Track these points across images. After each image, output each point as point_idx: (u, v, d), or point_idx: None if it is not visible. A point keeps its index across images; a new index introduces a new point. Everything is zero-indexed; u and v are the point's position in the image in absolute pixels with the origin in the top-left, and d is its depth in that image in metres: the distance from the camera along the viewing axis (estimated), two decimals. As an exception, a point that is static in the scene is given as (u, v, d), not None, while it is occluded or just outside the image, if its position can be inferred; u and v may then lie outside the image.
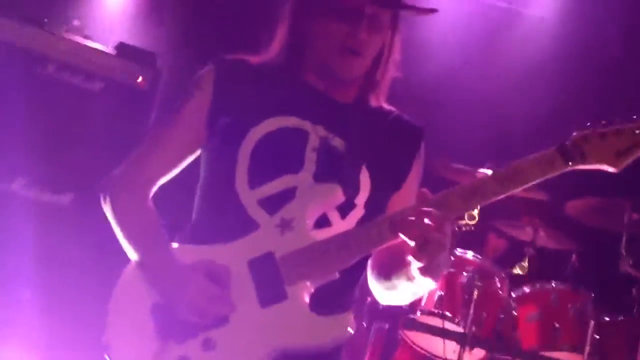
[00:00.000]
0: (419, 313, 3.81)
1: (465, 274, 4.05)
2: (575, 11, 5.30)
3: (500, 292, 4.10)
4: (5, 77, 3.64)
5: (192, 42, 4.63)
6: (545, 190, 4.36)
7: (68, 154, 1.87)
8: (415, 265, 1.71)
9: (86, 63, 3.78)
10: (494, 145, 5.00)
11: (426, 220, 1.67)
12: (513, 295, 4.10)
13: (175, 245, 1.91)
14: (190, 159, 2.05)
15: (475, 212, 4.20)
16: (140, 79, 3.88)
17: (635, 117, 1.77)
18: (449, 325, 3.92)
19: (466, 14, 5.42)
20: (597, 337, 3.85)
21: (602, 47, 5.15)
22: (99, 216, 2.00)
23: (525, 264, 4.41)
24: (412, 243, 1.69)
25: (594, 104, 4.91)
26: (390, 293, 1.95)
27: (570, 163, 1.75)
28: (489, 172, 4.34)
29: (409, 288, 1.86)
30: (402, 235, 1.71)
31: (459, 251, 4.20)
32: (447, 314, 3.84)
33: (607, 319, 3.96)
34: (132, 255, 1.90)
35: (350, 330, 1.76)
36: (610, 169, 1.76)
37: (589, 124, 1.78)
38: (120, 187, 2.00)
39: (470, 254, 4.21)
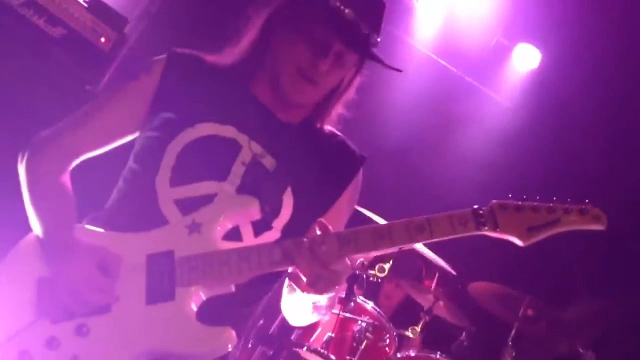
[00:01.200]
0: (304, 348, 3.83)
1: (360, 322, 4.10)
2: (539, 103, 5.49)
3: (387, 350, 4.17)
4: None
5: (168, 22, 4.57)
6: (455, 266, 4.49)
7: (15, 98, 1.80)
8: (302, 295, 1.75)
9: (54, 7, 3.66)
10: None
11: (322, 253, 1.69)
12: (398, 355, 4.17)
13: (79, 225, 1.86)
14: (120, 141, 2.02)
15: (387, 266, 4.27)
16: (102, 40, 3.78)
17: (554, 198, 1.80)
18: (330, 369, 3.94)
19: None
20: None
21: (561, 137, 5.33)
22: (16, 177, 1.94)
23: (418, 328, 4.49)
24: (303, 278, 1.70)
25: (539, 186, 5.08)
26: (286, 308, 2.00)
27: (482, 228, 1.76)
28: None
29: (292, 300, 1.91)
30: (295, 269, 1.72)
31: (360, 299, 4.25)
32: (332, 357, 3.87)
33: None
34: (33, 222, 1.85)
35: (229, 346, 1.71)
36: (519, 242, 1.78)
37: (510, 195, 1.81)
38: (40, 151, 1.95)
39: (370, 305, 4.27)
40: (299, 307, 1.94)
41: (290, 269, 1.76)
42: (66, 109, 2.06)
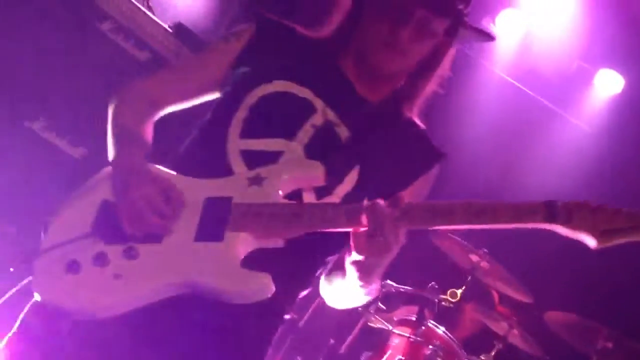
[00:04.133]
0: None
1: (430, 347, 4.07)
2: (620, 128, 5.35)
3: (458, 375, 4.11)
4: (62, 20, 3.72)
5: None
6: (531, 293, 4.41)
7: (93, 112, 1.93)
8: (351, 258, 1.72)
9: (141, 31, 3.84)
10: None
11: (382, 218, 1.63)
12: (470, 382, 4.12)
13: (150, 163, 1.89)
14: (202, 97, 2.07)
15: (459, 292, 4.24)
16: (185, 63, 3.94)
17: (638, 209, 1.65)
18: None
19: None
20: None
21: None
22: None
23: (492, 355, 4.41)
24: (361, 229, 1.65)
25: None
26: (328, 289, 1.96)
27: (552, 220, 1.64)
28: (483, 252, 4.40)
29: (341, 284, 1.86)
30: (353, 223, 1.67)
31: (431, 323, 4.23)
32: (402, 380, 3.84)
33: None
34: (110, 150, 1.90)
35: (267, 293, 1.68)
36: (591, 243, 1.64)
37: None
38: (127, 92, 2.03)
39: (441, 329, 4.23)
40: (346, 287, 1.88)
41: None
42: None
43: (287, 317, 2.01)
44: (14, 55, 3.64)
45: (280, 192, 1.81)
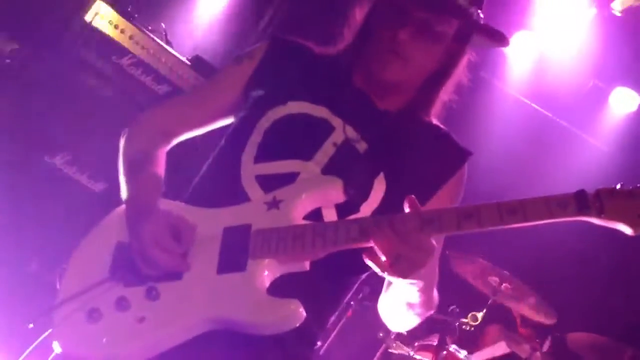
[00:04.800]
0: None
1: (452, 372, 4.06)
2: (637, 146, 5.34)
3: (481, 399, 4.09)
4: (82, 55, 3.79)
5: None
6: (554, 314, 4.38)
7: (114, 147, 1.95)
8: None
9: (160, 65, 3.91)
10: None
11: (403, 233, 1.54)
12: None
13: (163, 199, 1.84)
14: (216, 123, 2.04)
15: (480, 315, 4.23)
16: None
17: None
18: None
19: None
20: None
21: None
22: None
23: (514, 379, 4.39)
24: (382, 257, 1.57)
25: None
26: (386, 309, 1.89)
27: (584, 211, 1.54)
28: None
29: (392, 295, 1.81)
30: (374, 247, 1.58)
31: (452, 347, 4.22)
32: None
33: None
34: (123, 191, 1.87)
35: (297, 319, 1.60)
36: (628, 230, 1.53)
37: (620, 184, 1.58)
38: (139, 124, 2.02)
39: (463, 354, 4.22)
40: (394, 305, 1.84)
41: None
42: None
43: (319, 344, 1.94)
44: (33, 92, 3.72)
45: (300, 213, 1.75)
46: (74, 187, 3.74)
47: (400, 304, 1.81)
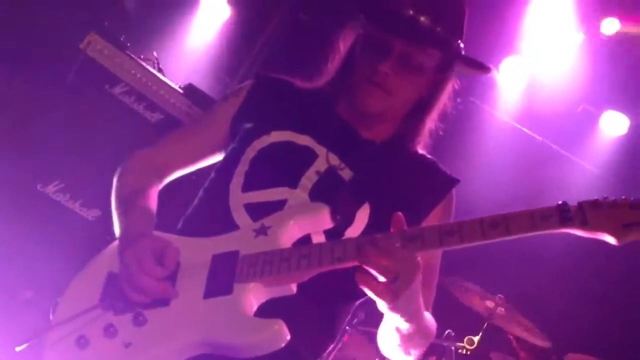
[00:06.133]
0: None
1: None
2: (627, 169, 5.37)
3: None
4: (75, 83, 3.80)
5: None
6: (549, 338, 4.37)
7: (108, 175, 1.97)
8: (379, 303, 1.63)
9: (152, 94, 3.93)
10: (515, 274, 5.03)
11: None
12: None
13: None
14: (206, 160, 2.09)
15: (476, 339, 4.21)
16: (196, 122, 4.00)
17: None
18: None
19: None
20: None
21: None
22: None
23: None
24: (381, 278, 1.57)
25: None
26: (384, 342, 1.87)
27: (567, 223, 1.55)
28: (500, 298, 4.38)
29: (386, 326, 1.79)
30: (368, 268, 1.58)
31: (449, 372, 4.19)
32: None
33: None
34: (115, 224, 1.91)
35: (281, 338, 1.61)
36: (612, 241, 1.54)
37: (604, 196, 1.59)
38: (131, 161, 2.06)
39: (460, 378, 4.19)
40: (388, 336, 1.83)
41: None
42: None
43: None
44: (26, 120, 3.72)
45: (289, 239, 1.77)
46: (67, 215, 3.72)
47: (393, 336, 1.81)
